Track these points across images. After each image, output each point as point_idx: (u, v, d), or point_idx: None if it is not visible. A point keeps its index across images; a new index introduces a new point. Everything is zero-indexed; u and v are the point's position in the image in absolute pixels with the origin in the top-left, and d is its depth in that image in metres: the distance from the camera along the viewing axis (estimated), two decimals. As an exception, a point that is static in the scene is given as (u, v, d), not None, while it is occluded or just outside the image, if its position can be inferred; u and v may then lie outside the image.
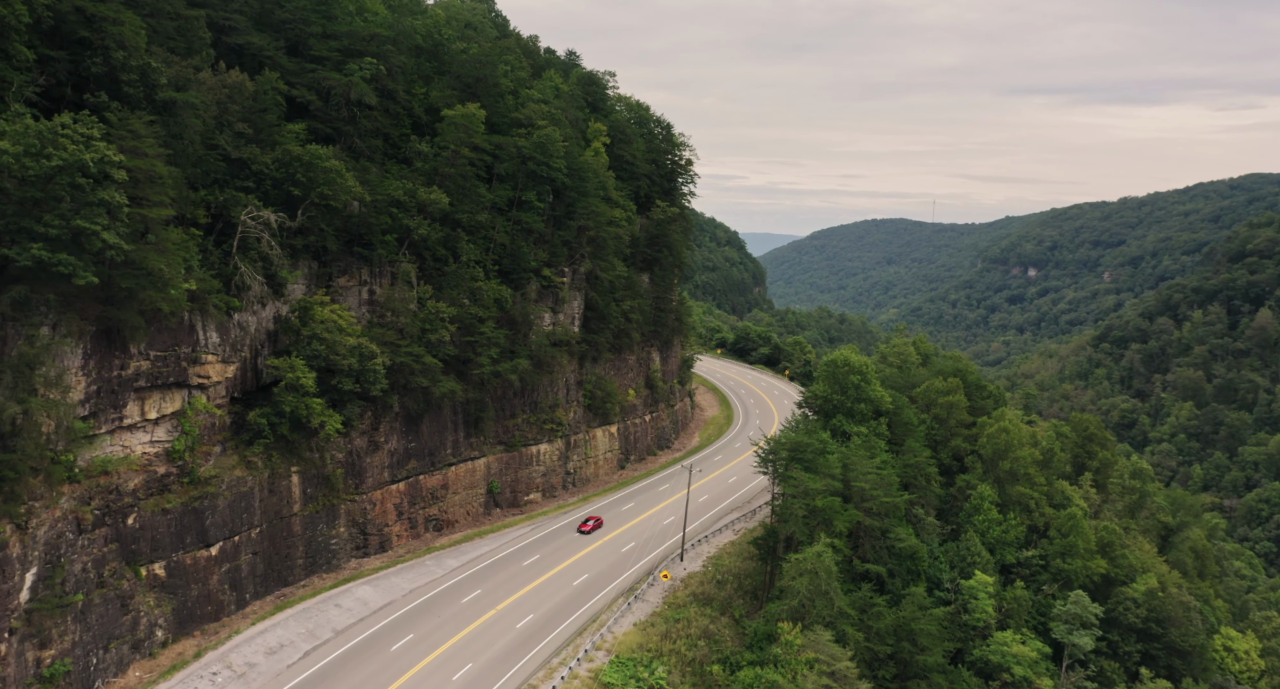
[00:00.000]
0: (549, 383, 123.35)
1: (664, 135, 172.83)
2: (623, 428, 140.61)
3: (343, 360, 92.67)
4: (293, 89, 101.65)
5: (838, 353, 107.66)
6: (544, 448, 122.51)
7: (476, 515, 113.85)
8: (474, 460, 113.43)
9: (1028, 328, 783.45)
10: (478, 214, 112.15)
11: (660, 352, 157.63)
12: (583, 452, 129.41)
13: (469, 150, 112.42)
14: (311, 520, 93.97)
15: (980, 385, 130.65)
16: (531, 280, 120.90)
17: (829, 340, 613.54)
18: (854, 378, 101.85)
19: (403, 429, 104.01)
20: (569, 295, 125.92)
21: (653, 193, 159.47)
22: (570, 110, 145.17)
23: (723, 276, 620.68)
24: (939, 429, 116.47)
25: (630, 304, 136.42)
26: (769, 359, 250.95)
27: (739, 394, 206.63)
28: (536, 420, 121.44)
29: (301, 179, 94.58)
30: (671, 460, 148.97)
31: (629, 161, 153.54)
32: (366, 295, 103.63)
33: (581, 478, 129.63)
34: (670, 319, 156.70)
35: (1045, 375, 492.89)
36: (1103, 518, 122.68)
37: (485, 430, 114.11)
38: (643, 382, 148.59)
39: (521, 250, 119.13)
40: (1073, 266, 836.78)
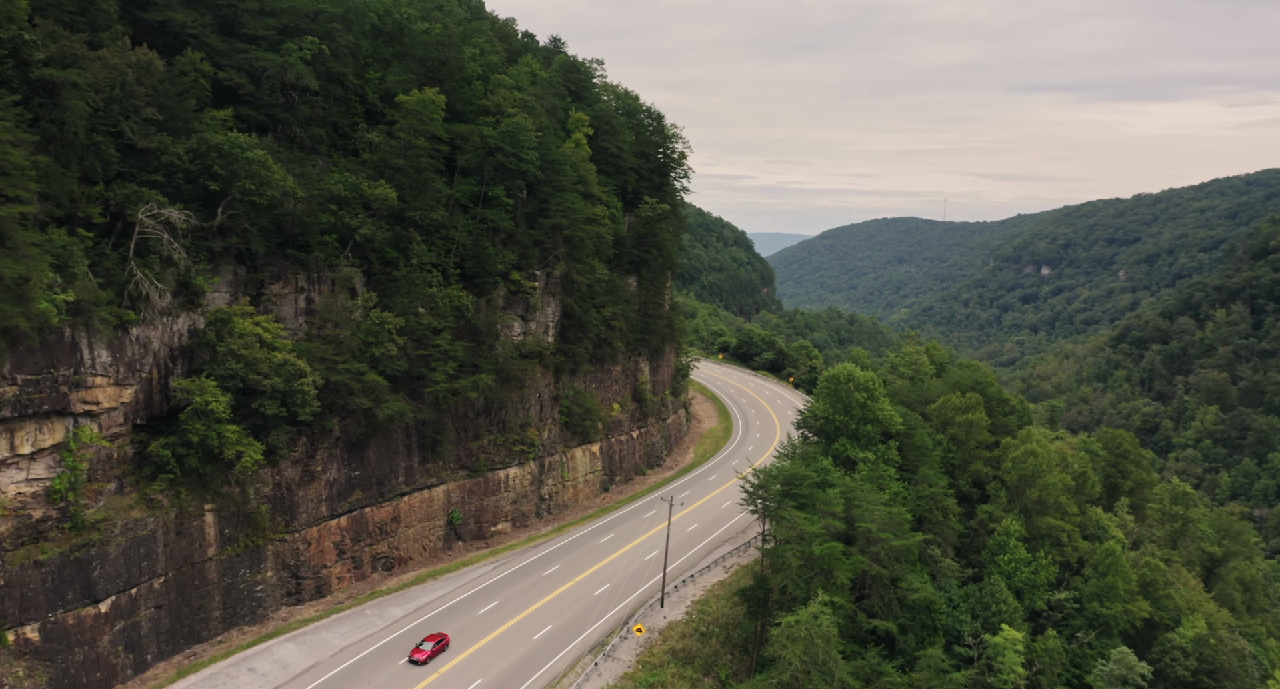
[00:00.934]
0: (519, 400, 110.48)
1: (654, 127, 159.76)
2: (606, 447, 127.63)
3: (264, 380, 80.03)
4: (221, 71, 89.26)
5: (840, 368, 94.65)
6: (513, 472, 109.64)
7: (434, 551, 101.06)
8: (431, 489, 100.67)
9: (1042, 327, 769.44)
10: (433, 211, 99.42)
11: (650, 361, 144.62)
12: (559, 475, 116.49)
13: (424, 140, 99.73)
14: (230, 565, 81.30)
15: (1002, 399, 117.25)
16: (498, 285, 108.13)
17: (839, 341, 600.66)
18: (859, 396, 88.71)
19: (345, 456, 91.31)
20: (541, 301, 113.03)
21: (641, 188, 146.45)
22: (547, 98, 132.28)
23: (730, 277, 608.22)
24: (957, 452, 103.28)
25: (613, 310, 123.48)
26: (773, 365, 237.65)
27: (739, 404, 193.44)
28: (504, 442, 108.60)
29: (220, 171, 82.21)
30: (662, 481, 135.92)
31: (614, 154, 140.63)
32: (304, 304, 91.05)
33: (558, 504, 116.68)
34: (660, 325, 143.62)
35: (1062, 377, 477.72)
36: (1143, 550, 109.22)
37: (444, 455, 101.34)
38: (629, 395, 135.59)
39: (486, 252, 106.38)
40: (1087, 264, 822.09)
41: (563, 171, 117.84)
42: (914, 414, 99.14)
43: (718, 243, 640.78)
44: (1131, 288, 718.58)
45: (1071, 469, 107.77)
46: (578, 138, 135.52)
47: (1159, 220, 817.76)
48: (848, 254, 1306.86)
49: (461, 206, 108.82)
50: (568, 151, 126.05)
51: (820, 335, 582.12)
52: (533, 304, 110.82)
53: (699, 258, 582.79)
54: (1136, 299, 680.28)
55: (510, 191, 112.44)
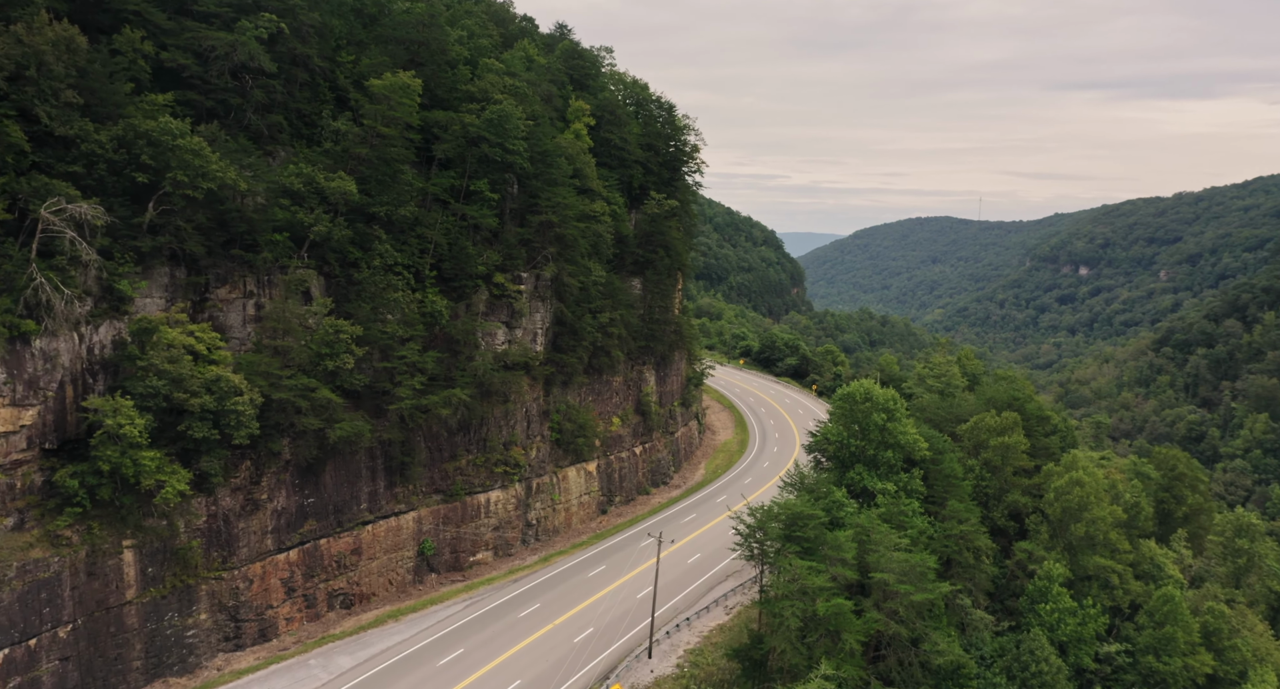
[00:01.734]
0: (502, 415, 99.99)
1: (664, 118, 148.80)
2: (603, 465, 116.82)
3: (193, 399, 70.16)
4: (164, 52, 79.75)
5: (856, 385, 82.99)
6: (495, 496, 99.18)
7: (403, 585, 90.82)
8: (399, 516, 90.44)
9: (1079, 329, 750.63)
10: (401, 206, 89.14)
11: (656, 370, 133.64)
12: (548, 498, 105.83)
13: (393, 128, 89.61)
14: (155, 609, 71.46)
15: (1043, 416, 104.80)
16: (479, 289, 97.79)
17: (870, 343, 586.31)
18: (877, 417, 77.12)
19: (296, 482, 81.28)
20: (528, 306, 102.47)
21: (648, 183, 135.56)
22: (543, 85, 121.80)
23: (759, 277, 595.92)
24: (991, 480, 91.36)
25: (612, 315, 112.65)
26: (796, 371, 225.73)
27: (758, 414, 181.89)
28: (485, 462, 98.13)
29: (149, 162, 72.70)
30: (667, 501, 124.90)
31: (618, 147, 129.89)
32: (253, 311, 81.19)
33: (547, 530, 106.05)
34: (668, 331, 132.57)
35: (1102, 382, 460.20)
36: (1204, 590, 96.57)
37: (414, 478, 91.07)
38: (631, 407, 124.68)
39: (466, 252, 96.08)
40: (1126, 265, 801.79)
41: (555, 164, 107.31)
42: (942, 436, 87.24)
43: (746, 242, 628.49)
44: (1173, 289, 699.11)
45: (1123, 500, 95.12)
46: (577, 128, 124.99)
47: (1201, 219, 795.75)
48: (881, 254, 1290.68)
49: (440, 202, 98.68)
50: (564, 143, 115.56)
51: (851, 337, 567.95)
52: (518, 310, 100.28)
53: (727, 258, 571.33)
54: (1178, 300, 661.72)
55: (495, 186, 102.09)
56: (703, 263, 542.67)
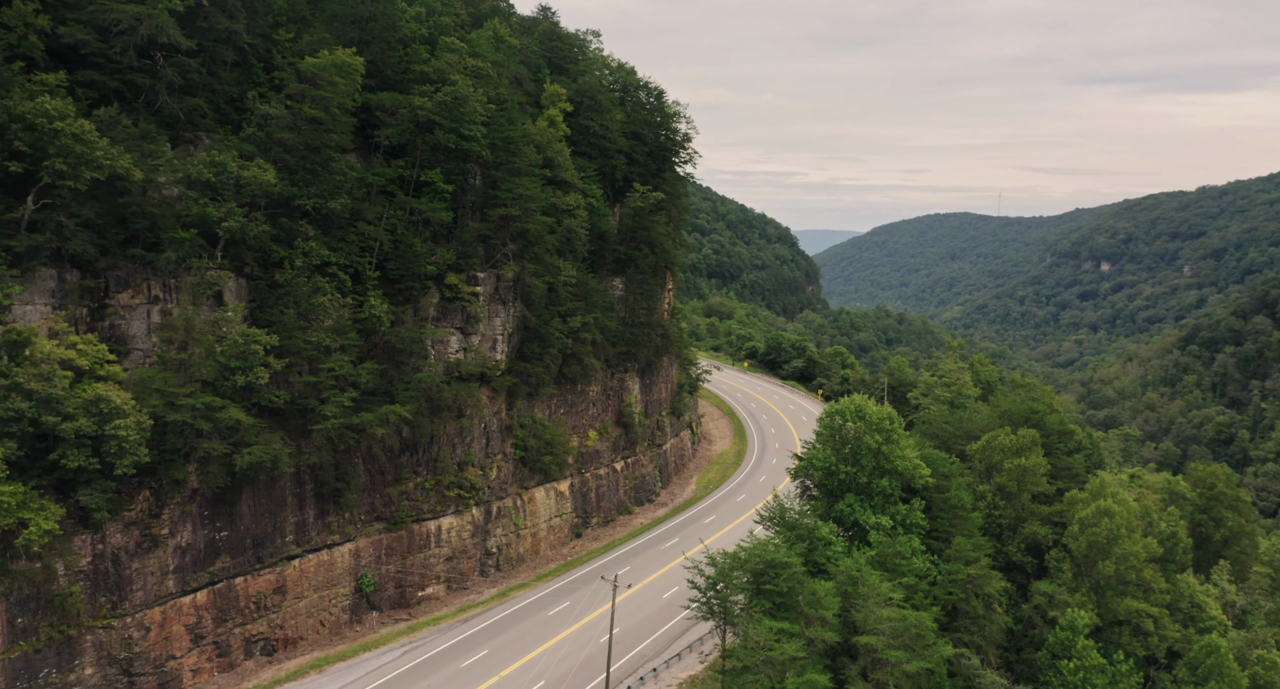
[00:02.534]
0: (456, 432, 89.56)
1: (653, 105, 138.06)
2: (578, 483, 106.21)
3: (65, 423, 60.15)
4: (62, 26, 69.99)
5: (846, 402, 71.83)
6: (448, 522, 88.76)
7: (337, 626, 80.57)
8: (332, 549, 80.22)
9: (1101, 326, 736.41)
10: (333, 198, 78.82)
11: (641, 377, 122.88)
12: (510, 523, 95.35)
13: (322, 110, 79.41)
14: (27, 664, 61.44)
15: (1065, 431, 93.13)
16: (429, 291, 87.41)
17: (886, 342, 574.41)
18: (870, 439, 66.07)
19: (205, 513, 71.13)
20: (486, 310, 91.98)
21: (632, 175, 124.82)
22: (512, 66, 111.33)
23: (772, 275, 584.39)
24: (1005, 508, 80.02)
25: (585, 319, 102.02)
26: (802, 373, 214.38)
27: (759, 421, 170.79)
28: (436, 485, 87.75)
29: (24, 148, 63.01)
30: (652, 522, 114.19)
31: (599, 134, 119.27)
32: (159, 318, 71.07)
33: (509, 558, 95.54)
34: (653, 335, 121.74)
35: (1126, 381, 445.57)
36: (1252, 632, 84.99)
37: (350, 505, 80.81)
38: (610, 419, 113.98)
39: (413, 250, 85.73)
40: (1149, 260, 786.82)
41: (520, 152, 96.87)
42: (949, 457, 76.00)
43: (760, 240, 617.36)
44: (1197, 284, 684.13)
45: (1157, 529, 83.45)
46: (552, 114, 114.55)
47: (1225, 213, 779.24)
48: (899, 251, 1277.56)
49: (387, 194, 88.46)
50: (534, 130, 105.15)
51: (866, 336, 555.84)
52: (473, 314, 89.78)
53: (740, 256, 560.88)
54: (1203, 296, 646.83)
55: (451, 176, 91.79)
56: (715, 261, 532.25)
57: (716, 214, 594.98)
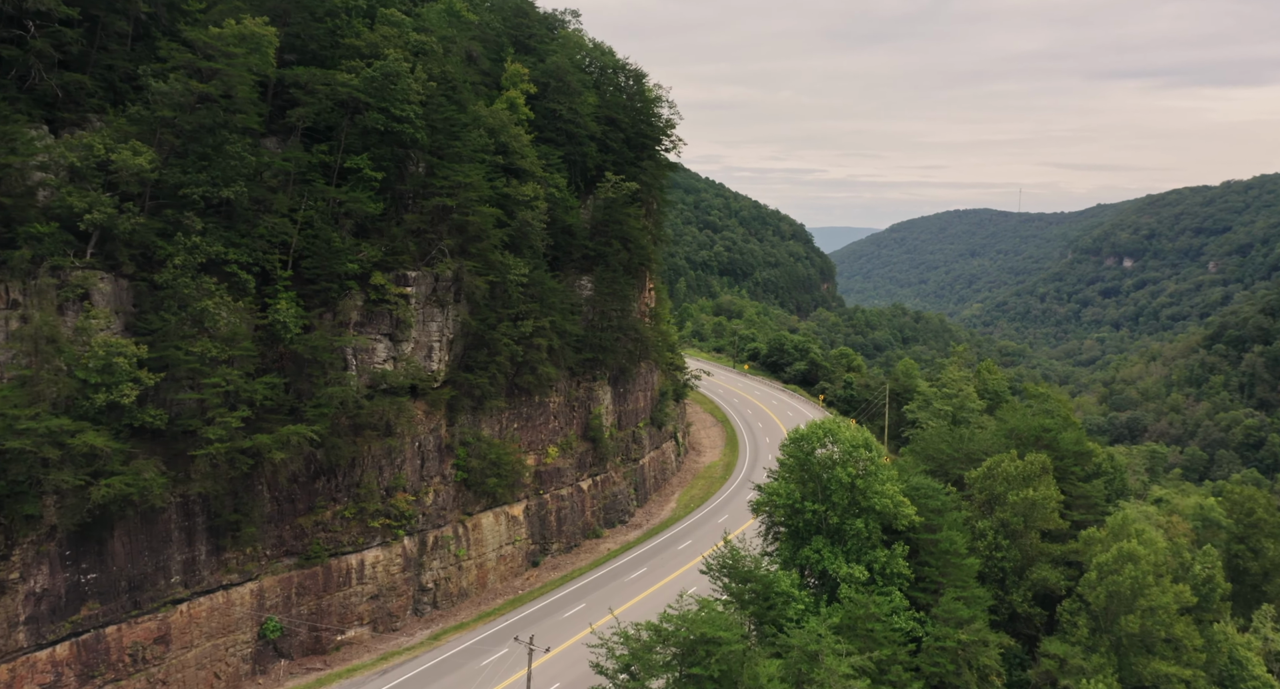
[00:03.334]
0: (383, 453, 78.75)
1: (633, 89, 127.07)
2: (534, 507, 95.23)
3: None
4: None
5: (813, 425, 59.86)
6: (373, 556, 78.02)
7: (236, 679, 69.94)
8: (229, 589, 69.62)
9: (1124, 323, 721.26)
10: (228, 186, 68.17)
11: (613, 386, 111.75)
12: (450, 554, 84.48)
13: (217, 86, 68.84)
14: None
15: (1082, 452, 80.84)
16: (350, 293, 76.60)
17: (902, 341, 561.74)
18: (842, 472, 54.53)
19: (66, 553, 60.63)
20: (419, 314, 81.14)
21: (606, 163, 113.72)
22: (463, 42, 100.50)
23: (786, 273, 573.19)
24: (1009, 549, 68.09)
25: (540, 322, 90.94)
26: (805, 377, 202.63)
27: (753, 430, 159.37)
28: (358, 514, 76.99)
29: None
30: (622, 547, 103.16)
31: (567, 119, 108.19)
32: (17, 325, 60.72)
33: (449, 594, 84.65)
34: (627, 340, 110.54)
35: (1149, 382, 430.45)
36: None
37: (251, 539, 70.11)
38: (574, 433, 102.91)
39: (331, 246, 75.03)
40: (1173, 256, 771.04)
41: (462, 136, 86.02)
42: (942, 488, 64.14)
43: (774, 237, 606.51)
44: (1223, 281, 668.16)
45: (1191, 573, 71.33)
46: (512, 96, 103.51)
47: (1251, 208, 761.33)
48: (918, 248, 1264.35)
49: (307, 183, 77.84)
50: (486, 112, 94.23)
51: (881, 335, 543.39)
52: (403, 318, 78.89)
53: (752, 253, 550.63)
54: (1228, 293, 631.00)
55: (382, 163, 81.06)
56: (727, 258, 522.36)
57: (729, 210, 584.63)
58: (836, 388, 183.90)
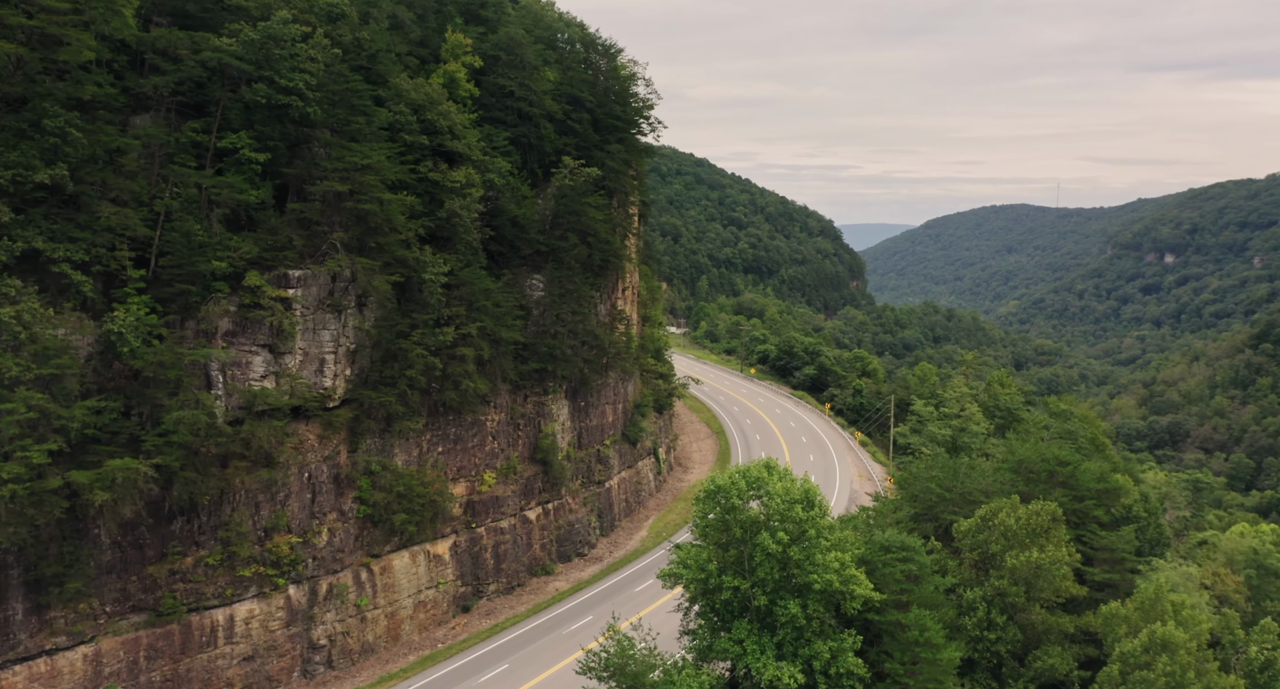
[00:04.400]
0: (259, 487, 66.01)
1: (604, 66, 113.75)
2: (464, 542, 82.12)
3: None
4: None
5: (731, 473, 45.27)
6: (246, 609, 65.34)
7: (58, 767, 57.54)
8: (54, 655, 57.20)
9: (1165, 321, 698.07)
10: (45, 169, 55.78)
11: (572, 400, 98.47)
12: (349, 604, 71.57)
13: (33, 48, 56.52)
14: None
15: (1109, 490, 65.27)
16: (218, 297, 64.00)
17: (934, 340, 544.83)
18: (770, 540, 40.31)
19: None
20: (308, 321, 68.37)
21: (566, 147, 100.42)
22: (387, 6, 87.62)
23: (813, 270, 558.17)
24: (1004, 628, 53.71)
25: (466, 330, 77.83)
26: (814, 382, 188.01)
27: (750, 442, 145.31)
28: (226, 560, 64.33)
29: None
30: (573, 587, 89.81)
31: (519, 96, 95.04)
32: None
33: (349, 651, 71.74)
34: (583, 348, 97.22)
35: (1191, 383, 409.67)
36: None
37: (79, 594, 57.67)
38: (518, 456, 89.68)
39: (191, 240, 62.47)
40: (1216, 251, 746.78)
41: (367, 110, 73.18)
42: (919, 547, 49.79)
43: (801, 233, 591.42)
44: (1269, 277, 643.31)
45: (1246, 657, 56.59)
46: (451, 70, 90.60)
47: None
48: (953, 244, 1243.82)
49: (180, 166, 65.41)
50: (408, 85, 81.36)
51: (912, 334, 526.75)
52: (284, 327, 66.10)
53: (778, 250, 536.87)
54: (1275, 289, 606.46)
55: (268, 142, 68.50)
56: (751, 255, 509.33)
57: (755, 207, 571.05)
58: (845, 396, 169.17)
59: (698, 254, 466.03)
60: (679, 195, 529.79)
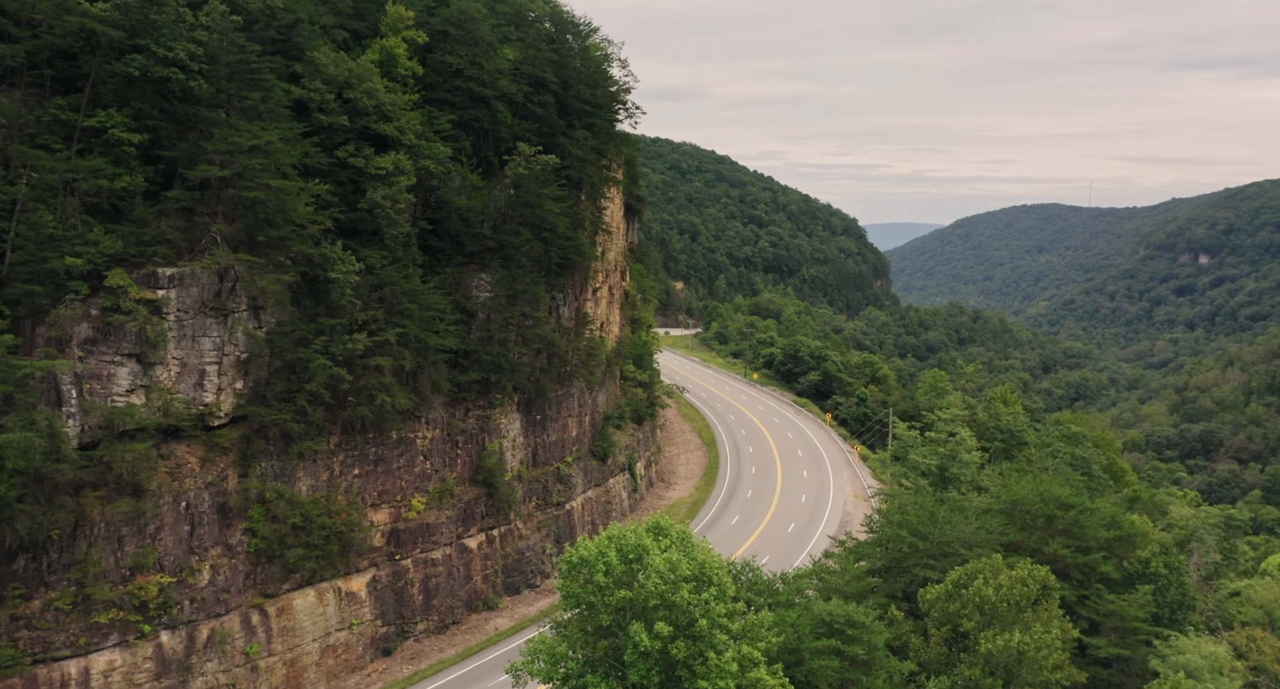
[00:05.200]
0: (122, 520, 56.78)
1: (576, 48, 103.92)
2: (385, 578, 72.61)
3: None
4: None
5: (600, 540, 35.26)
6: (105, 660, 56.15)
7: None
8: None
9: (1199, 323, 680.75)
10: None
11: (526, 413, 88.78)
12: (236, 651, 62.23)
13: None
14: None
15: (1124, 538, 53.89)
16: (72, 301, 54.91)
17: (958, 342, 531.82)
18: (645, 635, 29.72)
19: None
20: (186, 327, 59.09)
21: (525, 133, 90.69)
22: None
23: (835, 269, 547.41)
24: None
25: (380, 337, 68.27)
26: (818, 389, 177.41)
27: (741, 455, 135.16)
28: (81, 603, 55.14)
29: None
30: (516, 625, 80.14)
31: (469, 76, 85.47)
32: None
33: (237, 707, 62.46)
34: (531, 356, 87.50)
35: (1225, 389, 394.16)
36: None
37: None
38: (458, 477, 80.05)
39: (40, 233, 53.47)
40: (1252, 252, 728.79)
41: (263, 84, 63.89)
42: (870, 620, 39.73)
43: (824, 231, 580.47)
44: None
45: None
46: (390, 45, 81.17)
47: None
48: (983, 244, 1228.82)
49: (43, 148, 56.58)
50: (326, 59, 71.98)
51: (936, 335, 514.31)
52: (153, 335, 56.86)
53: (799, 248, 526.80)
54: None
55: (146, 121, 59.50)
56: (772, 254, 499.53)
57: (776, 205, 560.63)
58: (849, 404, 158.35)
59: (716, 253, 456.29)
60: (698, 193, 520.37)
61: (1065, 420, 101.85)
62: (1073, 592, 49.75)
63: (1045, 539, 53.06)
